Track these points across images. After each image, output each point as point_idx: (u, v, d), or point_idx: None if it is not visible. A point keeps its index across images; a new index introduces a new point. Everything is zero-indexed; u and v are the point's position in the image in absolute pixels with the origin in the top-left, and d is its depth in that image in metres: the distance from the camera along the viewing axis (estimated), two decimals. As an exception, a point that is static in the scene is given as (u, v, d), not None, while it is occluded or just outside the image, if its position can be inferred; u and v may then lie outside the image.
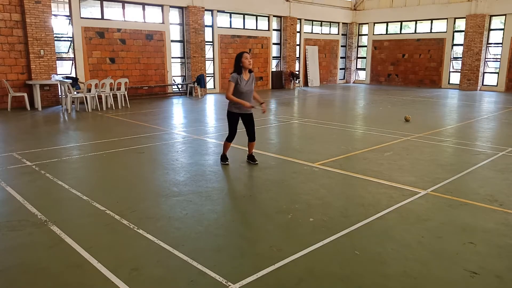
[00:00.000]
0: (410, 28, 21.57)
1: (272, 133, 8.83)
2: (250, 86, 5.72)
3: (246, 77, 5.67)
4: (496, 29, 18.79)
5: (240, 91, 5.61)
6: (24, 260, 3.26)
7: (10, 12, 11.65)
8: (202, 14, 16.06)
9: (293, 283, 2.93)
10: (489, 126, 9.67)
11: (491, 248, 3.48)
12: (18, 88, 11.99)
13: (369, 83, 23.06)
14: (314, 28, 21.65)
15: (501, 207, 4.40)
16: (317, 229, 3.82)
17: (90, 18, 13.65)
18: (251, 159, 6.14)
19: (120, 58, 14.36)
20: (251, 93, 5.78)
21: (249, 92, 5.71)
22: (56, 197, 4.74)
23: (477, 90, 18.93)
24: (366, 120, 10.70)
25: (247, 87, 5.66)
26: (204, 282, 2.94)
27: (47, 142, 7.75)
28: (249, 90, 5.71)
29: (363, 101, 15.32)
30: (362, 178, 5.44)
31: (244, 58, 5.56)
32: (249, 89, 5.69)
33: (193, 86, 16.05)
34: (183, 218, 4.11)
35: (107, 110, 11.86)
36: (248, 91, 5.70)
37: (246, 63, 5.57)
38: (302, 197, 4.72)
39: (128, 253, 3.36)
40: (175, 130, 8.95)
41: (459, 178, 5.46)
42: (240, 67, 5.58)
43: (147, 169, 5.95)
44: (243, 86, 5.60)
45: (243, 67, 5.58)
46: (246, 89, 5.65)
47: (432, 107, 13.18)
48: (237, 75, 5.58)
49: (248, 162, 6.13)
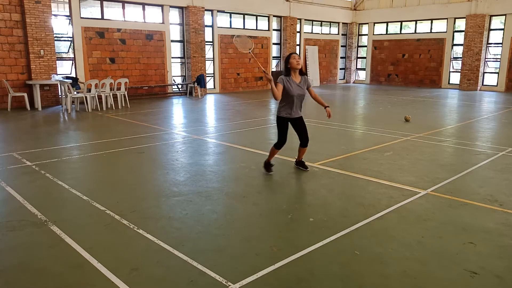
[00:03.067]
0: (410, 28, 21.57)
1: (272, 133, 8.82)
2: (302, 90, 5.28)
3: (297, 79, 5.26)
4: (496, 29, 18.79)
5: (290, 94, 5.20)
6: (24, 260, 3.26)
7: (10, 12, 11.65)
8: (202, 14, 16.06)
9: (293, 283, 2.93)
10: (489, 126, 9.67)
11: (491, 248, 3.48)
12: (18, 88, 11.99)
13: (369, 83, 23.06)
14: (314, 28, 21.65)
15: (501, 207, 4.40)
16: (317, 229, 3.82)
17: (90, 18, 13.65)
18: (301, 165, 5.79)
19: (120, 58, 14.36)
20: (302, 98, 5.36)
21: (300, 97, 5.31)
22: (56, 197, 4.74)
23: (477, 90, 18.93)
24: (366, 120, 10.70)
25: (298, 91, 5.23)
26: (204, 282, 2.94)
27: (47, 142, 7.75)
28: (300, 94, 5.28)
29: (363, 101, 15.32)
30: (362, 178, 5.44)
31: (292, 58, 5.19)
32: (300, 93, 5.27)
33: (193, 86, 16.05)
34: (183, 218, 4.11)
35: (107, 110, 11.86)
36: (299, 95, 5.28)
37: (294, 63, 5.18)
38: (302, 197, 4.72)
39: (128, 253, 3.36)
40: (175, 130, 8.95)
41: (459, 178, 5.46)
42: (288, 68, 5.23)
43: (147, 169, 5.95)
44: (293, 90, 5.19)
45: (291, 68, 5.21)
46: (298, 93, 5.23)
47: (432, 107, 13.18)
48: (285, 77, 5.21)
49: (297, 168, 5.79)
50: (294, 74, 5.25)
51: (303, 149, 5.69)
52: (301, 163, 5.82)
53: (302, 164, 5.81)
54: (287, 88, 5.19)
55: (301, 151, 5.73)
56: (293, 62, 5.18)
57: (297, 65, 5.19)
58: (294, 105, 5.32)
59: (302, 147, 5.66)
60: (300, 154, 5.77)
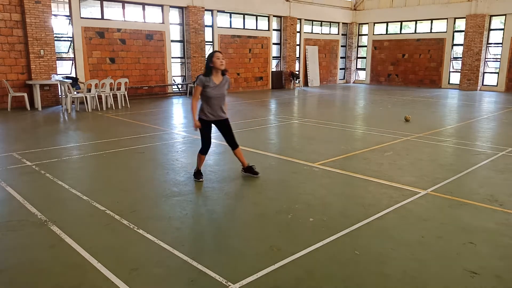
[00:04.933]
0: (410, 28, 21.57)
1: (272, 133, 8.83)
2: (221, 90, 5.03)
3: (218, 80, 5.00)
4: (496, 29, 18.78)
5: (208, 96, 4.96)
6: (24, 260, 3.26)
7: (10, 12, 11.65)
8: (202, 14, 16.06)
9: (293, 283, 2.93)
10: (489, 126, 9.67)
11: (491, 248, 3.48)
12: (18, 88, 11.99)
13: (369, 83, 23.05)
14: (314, 28, 21.65)
15: (501, 207, 4.40)
16: (317, 229, 3.82)
17: (90, 18, 13.65)
18: (249, 171, 5.41)
19: (120, 58, 14.36)
20: (223, 98, 5.11)
21: (219, 97, 5.04)
22: (56, 197, 4.74)
23: (477, 90, 18.93)
24: (366, 120, 10.70)
25: (216, 91, 4.98)
26: (204, 282, 2.94)
27: (47, 142, 7.75)
28: (219, 94, 5.02)
29: (363, 101, 15.32)
30: (362, 178, 5.44)
31: (216, 57, 4.90)
32: (219, 93, 5.01)
33: (193, 86, 16.05)
34: (183, 218, 4.11)
35: (107, 110, 11.86)
36: (218, 96, 5.02)
37: (218, 64, 4.90)
38: (302, 197, 4.71)
39: (128, 253, 3.36)
40: (175, 130, 8.95)
41: (459, 178, 5.46)
42: (211, 67, 4.93)
43: (147, 169, 5.95)
44: (210, 90, 4.94)
45: (213, 67, 4.93)
46: (215, 93, 4.97)
47: (432, 107, 13.18)
48: (205, 78, 4.93)
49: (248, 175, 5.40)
50: (216, 74, 4.99)
51: (237, 152, 5.34)
52: (249, 168, 5.43)
53: (250, 169, 5.42)
54: (207, 89, 4.94)
55: (237, 155, 5.37)
56: (216, 62, 4.90)
57: (221, 65, 4.93)
58: (215, 106, 5.06)
59: (233, 150, 5.34)
60: (240, 158, 5.40)
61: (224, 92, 5.09)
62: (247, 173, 5.44)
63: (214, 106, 5.05)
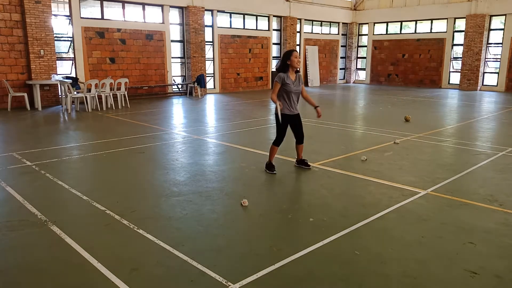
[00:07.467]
0: (410, 28, 21.57)
1: (272, 133, 8.81)
2: (298, 87, 5.37)
3: (293, 77, 5.32)
4: (496, 29, 18.78)
5: (289, 91, 5.27)
6: (24, 260, 3.26)
7: (10, 12, 11.65)
8: (202, 14, 16.06)
9: (293, 283, 2.93)
10: (489, 126, 9.67)
11: (491, 248, 3.48)
12: (18, 88, 11.99)
13: (369, 83, 23.05)
14: (314, 28, 21.65)
15: (501, 207, 4.40)
16: (317, 229, 3.82)
17: (90, 18, 13.65)
18: (302, 163, 5.80)
19: (120, 58, 14.36)
20: (299, 93, 5.45)
21: (297, 92, 5.38)
22: (56, 197, 4.74)
23: (477, 90, 18.93)
24: (366, 120, 10.70)
25: (295, 87, 5.31)
26: (204, 282, 2.94)
27: (47, 142, 7.75)
28: (297, 90, 5.36)
29: (363, 101, 15.32)
30: (362, 178, 5.44)
31: (294, 56, 5.17)
32: (297, 89, 5.35)
33: (193, 86, 16.05)
34: (183, 218, 4.11)
35: (107, 110, 11.86)
36: (297, 91, 5.36)
37: (295, 62, 5.19)
38: (302, 197, 4.71)
39: (128, 253, 3.36)
40: (175, 130, 8.95)
41: (459, 178, 5.46)
42: (287, 65, 5.23)
43: (147, 169, 5.95)
44: (290, 86, 5.25)
45: (291, 66, 5.23)
46: (295, 89, 5.31)
47: (432, 107, 13.18)
48: (284, 74, 5.23)
49: (299, 167, 5.78)
50: (291, 71, 5.31)
51: (300, 146, 5.75)
52: (302, 161, 5.82)
53: (303, 162, 5.80)
54: (288, 85, 5.25)
55: (299, 149, 5.77)
56: (294, 60, 5.21)
57: (298, 64, 5.26)
58: (293, 102, 5.40)
59: (298, 144, 5.73)
60: (299, 152, 5.80)
61: (300, 88, 5.40)
62: (299, 165, 5.82)
63: (292, 101, 5.37)
